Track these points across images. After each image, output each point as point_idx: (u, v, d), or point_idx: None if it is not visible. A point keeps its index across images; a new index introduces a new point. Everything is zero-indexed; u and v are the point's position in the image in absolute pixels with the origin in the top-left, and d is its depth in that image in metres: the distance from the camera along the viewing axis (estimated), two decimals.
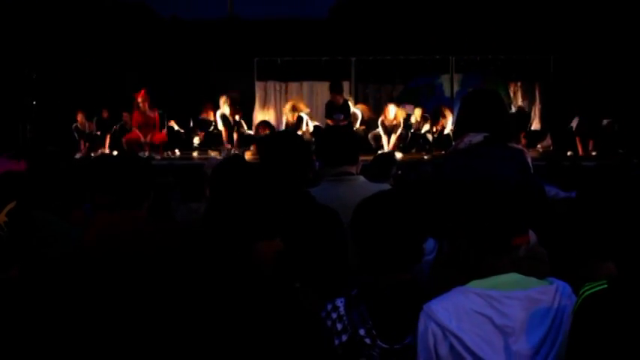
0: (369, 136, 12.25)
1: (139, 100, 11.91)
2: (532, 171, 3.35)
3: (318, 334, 2.21)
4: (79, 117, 12.98)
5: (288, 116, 11.94)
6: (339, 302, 2.19)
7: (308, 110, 12.29)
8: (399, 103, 12.79)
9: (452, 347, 1.96)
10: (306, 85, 14.22)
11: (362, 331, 2.13)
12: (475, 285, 2.03)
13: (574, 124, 11.83)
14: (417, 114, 12.90)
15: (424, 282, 3.82)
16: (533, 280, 2.08)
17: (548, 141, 13.03)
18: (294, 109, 11.90)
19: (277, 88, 13.62)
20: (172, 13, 15.73)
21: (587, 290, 1.84)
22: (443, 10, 14.67)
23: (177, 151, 12.70)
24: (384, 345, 2.12)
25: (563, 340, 1.96)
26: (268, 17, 15.10)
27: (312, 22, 15.36)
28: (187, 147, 13.09)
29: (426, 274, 3.93)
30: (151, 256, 2.88)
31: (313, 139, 10.43)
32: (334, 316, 2.17)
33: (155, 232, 2.96)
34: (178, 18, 15.49)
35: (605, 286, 1.82)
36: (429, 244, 4.21)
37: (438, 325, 1.97)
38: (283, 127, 12.27)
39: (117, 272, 2.87)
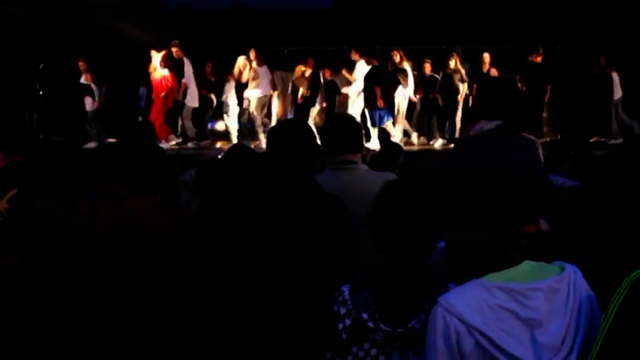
0: None
1: None
2: (542, 162, 3.35)
3: (324, 318, 2.25)
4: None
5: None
6: (344, 287, 2.22)
7: None
8: None
9: (477, 343, 1.91)
10: None
11: (365, 315, 2.13)
12: (494, 278, 1.97)
13: None
14: None
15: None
16: (545, 266, 2.04)
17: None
18: None
19: (284, 77, 13.52)
20: (178, 3, 15.70)
21: (635, 275, 1.82)
22: None
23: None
24: (386, 328, 2.10)
25: (587, 326, 1.95)
26: (275, 7, 15.04)
27: (319, 11, 15.31)
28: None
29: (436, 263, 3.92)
30: (164, 244, 2.90)
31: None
32: (339, 300, 2.20)
33: (168, 220, 3.00)
34: (185, 8, 15.45)
35: None
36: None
37: (461, 321, 1.91)
38: None
39: (130, 260, 2.90)
